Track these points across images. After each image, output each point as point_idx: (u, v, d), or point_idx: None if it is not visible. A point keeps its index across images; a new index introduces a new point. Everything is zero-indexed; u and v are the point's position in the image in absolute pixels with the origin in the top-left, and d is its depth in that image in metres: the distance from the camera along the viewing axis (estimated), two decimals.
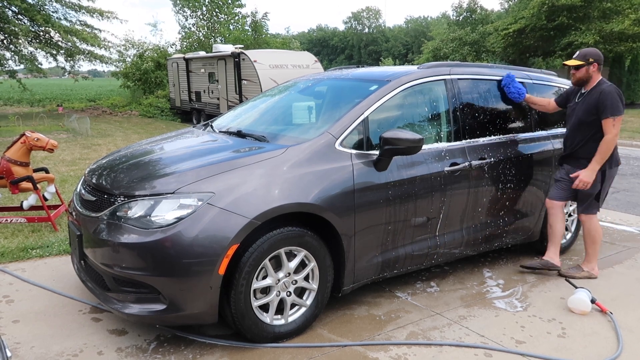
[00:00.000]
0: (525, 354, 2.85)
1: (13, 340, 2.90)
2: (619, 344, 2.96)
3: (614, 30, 19.90)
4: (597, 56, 3.73)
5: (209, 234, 2.58)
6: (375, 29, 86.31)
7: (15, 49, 19.43)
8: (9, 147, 4.98)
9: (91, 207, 2.97)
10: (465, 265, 4.21)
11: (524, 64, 24.33)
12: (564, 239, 4.53)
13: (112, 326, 3.08)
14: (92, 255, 2.84)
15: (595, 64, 3.72)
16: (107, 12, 20.50)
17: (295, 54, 15.95)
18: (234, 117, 4.19)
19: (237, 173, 2.78)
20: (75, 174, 7.58)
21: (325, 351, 2.85)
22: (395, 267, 3.39)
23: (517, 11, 24.72)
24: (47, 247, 4.39)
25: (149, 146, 3.64)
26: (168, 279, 2.59)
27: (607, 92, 3.64)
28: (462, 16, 33.86)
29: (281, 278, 2.87)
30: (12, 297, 3.46)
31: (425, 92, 3.61)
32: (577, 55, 3.78)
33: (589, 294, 3.41)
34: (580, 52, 3.79)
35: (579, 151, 3.80)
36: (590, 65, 3.72)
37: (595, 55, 3.73)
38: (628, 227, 5.38)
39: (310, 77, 4.35)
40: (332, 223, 2.94)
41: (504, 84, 4.00)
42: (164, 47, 23.74)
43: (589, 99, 3.73)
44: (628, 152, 11.04)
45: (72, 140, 11.68)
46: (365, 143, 3.18)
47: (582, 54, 3.77)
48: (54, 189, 5.21)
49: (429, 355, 2.83)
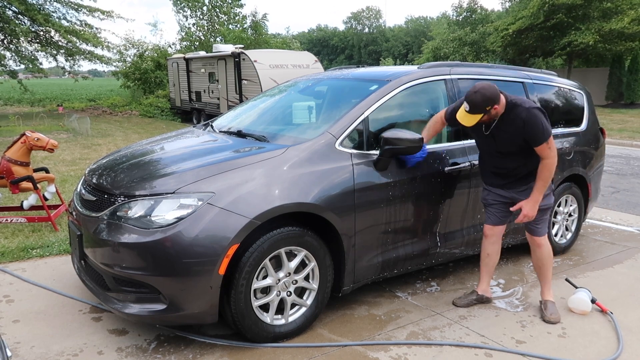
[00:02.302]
0: (525, 354, 2.85)
1: (13, 340, 2.90)
2: (619, 344, 2.96)
3: (613, 29, 19.89)
4: (494, 96, 2.92)
5: (209, 233, 2.58)
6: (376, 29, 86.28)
7: (16, 49, 19.43)
8: (9, 147, 4.98)
9: (91, 207, 2.97)
10: (465, 265, 4.21)
11: (524, 64, 24.35)
12: (564, 239, 4.54)
13: (112, 326, 3.08)
14: (92, 255, 2.84)
15: (497, 106, 2.97)
16: (108, 12, 20.49)
17: (296, 54, 15.95)
18: (234, 117, 4.19)
19: (238, 173, 2.78)
20: (75, 174, 7.58)
21: (325, 351, 2.85)
22: (396, 267, 3.39)
23: (517, 11, 24.70)
24: (48, 247, 4.39)
25: (149, 146, 3.64)
26: (168, 278, 2.59)
27: (532, 119, 2.97)
28: (462, 16, 33.83)
29: (281, 278, 2.87)
30: (13, 297, 3.46)
31: (425, 92, 3.61)
32: (470, 109, 2.93)
33: (589, 294, 3.41)
34: (471, 102, 2.91)
35: (511, 180, 3.26)
36: (492, 110, 2.97)
37: (491, 98, 2.91)
38: (628, 227, 5.38)
39: (311, 77, 4.35)
40: (332, 223, 2.94)
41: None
42: (164, 47, 23.75)
43: (508, 129, 3.05)
44: (628, 152, 11.04)
45: (72, 140, 11.68)
46: (365, 143, 3.18)
47: (474, 104, 2.90)
48: (54, 189, 5.21)
49: (429, 355, 2.83)
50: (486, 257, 3.47)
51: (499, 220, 3.39)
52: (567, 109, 4.57)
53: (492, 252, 3.44)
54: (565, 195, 4.42)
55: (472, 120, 2.97)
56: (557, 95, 4.51)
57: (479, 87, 2.92)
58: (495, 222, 3.39)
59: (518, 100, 3.05)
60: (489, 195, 3.40)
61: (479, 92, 2.90)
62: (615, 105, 21.55)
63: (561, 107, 4.53)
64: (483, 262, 3.49)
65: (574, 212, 4.57)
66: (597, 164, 4.75)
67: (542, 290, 3.45)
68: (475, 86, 2.94)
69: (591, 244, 4.83)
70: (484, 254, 3.47)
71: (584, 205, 4.62)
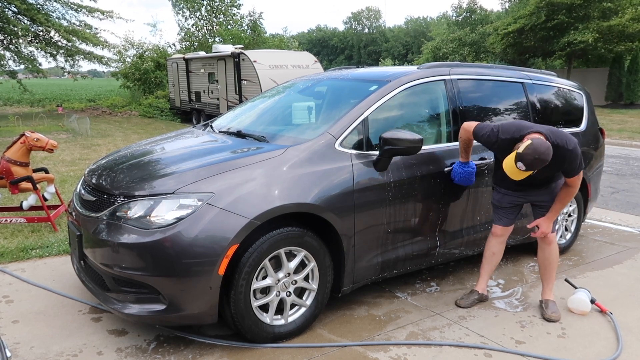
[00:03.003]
0: (525, 354, 2.85)
1: (13, 341, 2.90)
2: (619, 344, 2.96)
3: (612, 25, 19.89)
4: (550, 157, 2.85)
5: (208, 234, 2.57)
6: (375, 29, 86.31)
7: (16, 49, 19.42)
8: (9, 147, 4.98)
9: (91, 207, 2.97)
10: (465, 265, 4.21)
11: (524, 65, 24.35)
12: (564, 239, 4.54)
13: (111, 326, 3.08)
14: (92, 255, 2.84)
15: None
16: (108, 12, 20.49)
17: (295, 54, 15.95)
18: (234, 117, 4.19)
19: (237, 173, 2.78)
20: (75, 174, 7.58)
21: (325, 351, 2.85)
22: (395, 268, 3.39)
23: (517, 11, 24.73)
24: (47, 247, 4.38)
25: (149, 146, 3.64)
26: (168, 279, 2.59)
27: (572, 158, 2.99)
28: (462, 16, 33.89)
29: (281, 278, 2.87)
30: (12, 297, 3.46)
31: (425, 93, 3.61)
32: (526, 169, 2.85)
33: (588, 294, 3.41)
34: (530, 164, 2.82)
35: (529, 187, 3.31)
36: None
37: (547, 160, 2.84)
38: (628, 227, 5.38)
39: (310, 77, 4.35)
40: (332, 223, 2.94)
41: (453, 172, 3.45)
42: (164, 48, 23.75)
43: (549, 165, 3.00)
44: (628, 152, 11.05)
45: (71, 141, 11.68)
46: (365, 143, 3.18)
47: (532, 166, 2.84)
48: (53, 189, 5.21)
49: (428, 355, 2.83)
50: (491, 256, 3.50)
51: (510, 222, 3.47)
52: (566, 110, 4.57)
53: (498, 251, 3.50)
54: None
55: (522, 176, 2.91)
56: (556, 96, 4.51)
57: (541, 152, 2.79)
58: (507, 224, 3.46)
59: (560, 141, 2.96)
60: (503, 199, 3.43)
61: (541, 158, 2.79)
62: (614, 105, 21.57)
63: (561, 107, 4.53)
64: (487, 261, 3.51)
65: (574, 212, 4.57)
66: (597, 164, 4.75)
67: (544, 290, 3.46)
68: (537, 150, 2.78)
69: (591, 244, 4.83)
70: (489, 252, 3.49)
71: (583, 205, 4.62)
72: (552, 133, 2.99)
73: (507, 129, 3.10)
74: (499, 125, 3.15)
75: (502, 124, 3.16)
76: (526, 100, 4.18)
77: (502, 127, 3.13)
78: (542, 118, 4.27)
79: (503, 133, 3.10)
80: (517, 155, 2.86)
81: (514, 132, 3.06)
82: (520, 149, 2.86)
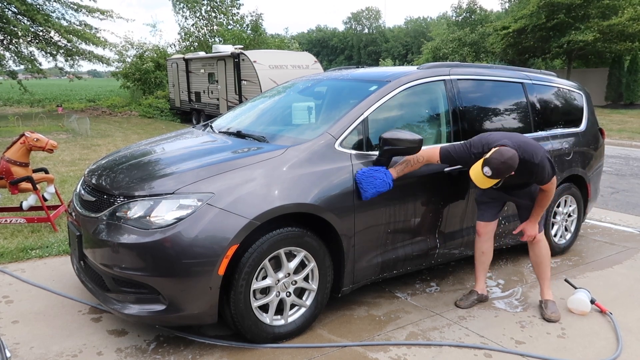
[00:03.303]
0: (524, 355, 2.85)
1: (12, 341, 2.90)
2: (619, 344, 2.96)
3: (612, 24, 19.89)
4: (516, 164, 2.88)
5: (208, 234, 2.57)
6: (375, 30, 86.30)
7: (15, 49, 19.42)
8: (9, 147, 4.98)
9: (91, 207, 2.97)
10: (465, 266, 4.21)
11: (524, 65, 24.34)
12: (564, 240, 4.54)
13: (111, 326, 3.08)
14: (92, 255, 2.84)
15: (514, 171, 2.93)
16: (108, 12, 20.48)
17: (295, 55, 15.95)
18: (234, 117, 4.19)
19: (237, 173, 2.78)
20: (74, 175, 7.58)
21: (324, 351, 2.85)
22: (395, 268, 3.39)
23: (517, 11, 24.73)
24: (47, 247, 4.38)
25: (149, 147, 3.64)
26: (168, 279, 2.58)
27: (540, 171, 3.02)
28: (462, 17, 33.89)
29: (281, 278, 2.87)
30: (12, 298, 3.46)
31: (424, 93, 3.61)
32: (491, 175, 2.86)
33: (588, 295, 3.41)
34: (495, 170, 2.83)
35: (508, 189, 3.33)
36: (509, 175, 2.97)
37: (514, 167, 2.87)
38: (628, 227, 5.38)
39: (310, 77, 4.35)
40: (332, 223, 2.94)
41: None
42: (164, 48, 23.74)
43: (517, 177, 3.06)
44: (628, 152, 11.05)
45: (71, 141, 11.68)
46: (364, 143, 3.18)
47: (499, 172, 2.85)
48: (53, 190, 5.21)
49: (428, 355, 2.83)
50: (482, 256, 3.51)
51: (493, 217, 3.47)
52: (566, 110, 4.58)
53: (487, 249, 3.50)
54: (565, 195, 4.42)
55: (488, 184, 2.93)
56: (556, 96, 4.51)
57: (506, 158, 2.82)
58: (489, 219, 3.47)
59: (527, 155, 2.98)
60: (484, 195, 3.46)
61: (506, 163, 2.82)
62: (614, 105, 21.57)
63: (560, 107, 4.53)
64: (479, 261, 3.53)
65: (573, 212, 4.57)
66: (597, 164, 4.75)
67: (542, 290, 3.47)
68: (503, 155, 2.83)
69: (590, 244, 4.83)
70: (478, 252, 3.51)
71: (583, 205, 4.62)
72: (519, 146, 3.01)
73: (477, 143, 3.14)
74: (470, 141, 3.19)
75: (472, 139, 3.19)
76: (526, 101, 4.18)
77: (472, 142, 3.17)
78: (542, 118, 4.27)
79: (474, 147, 3.14)
80: (484, 160, 2.90)
81: (483, 145, 3.10)
82: (487, 155, 2.92)
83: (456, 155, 3.19)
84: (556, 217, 4.43)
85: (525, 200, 3.38)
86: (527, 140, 3.09)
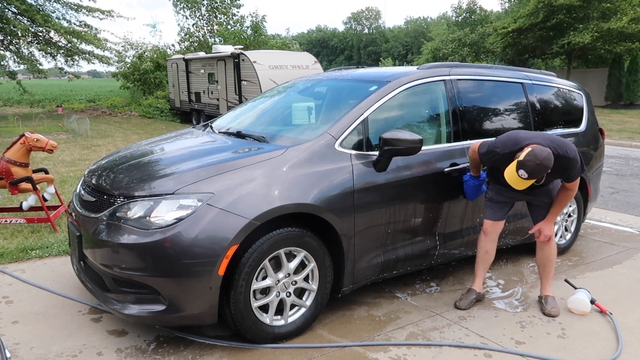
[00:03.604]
0: (524, 355, 2.85)
1: (12, 341, 2.90)
2: (619, 344, 2.96)
3: (612, 28, 19.90)
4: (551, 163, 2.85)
5: (208, 234, 2.57)
6: (375, 30, 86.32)
7: (16, 49, 19.42)
8: (9, 147, 4.98)
9: (91, 207, 2.97)
10: (465, 266, 4.21)
11: (523, 65, 24.36)
12: (564, 240, 4.54)
13: (111, 327, 3.08)
14: (92, 255, 2.84)
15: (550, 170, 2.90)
16: (108, 12, 20.48)
17: (295, 55, 15.95)
18: (234, 117, 4.19)
19: (237, 174, 2.78)
20: (74, 175, 7.58)
21: (324, 352, 2.85)
22: (395, 268, 3.39)
23: (517, 11, 24.74)
24: (47, 247, 4.38)
25: (149, 147, 3.64)
26: (168, 279, 2.58)
27: (574, 165, 3.00)
28: (462, 17, 33.91)
29: (281, 279, 2.87)
30: (12, 298, 3.46)
31: (424, 93, 3.61)
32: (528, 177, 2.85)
33: (588, 295, 3.41)
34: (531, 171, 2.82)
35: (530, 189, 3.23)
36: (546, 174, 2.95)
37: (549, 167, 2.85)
38: (627, 227, 5.38)
39: (310, 77, 4.35)
40: (332, 224, 2.94)
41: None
42: (164, 48, 23.74)
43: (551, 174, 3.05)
44: (628, 152, 11.05)
45: (71, 141, 11.68)
46: (364, 144, 3.18)
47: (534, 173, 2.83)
48: (53, 190, 5.21)
49: (428, 355, 2.83)
50: (485, 255, 3.49)
51: (502, 216, 3.45)
52: (566, 110, 4.58)
53: (491, 249, 3.48)
54: None
55: (525, 185, 2.91)
56: (556, 96, 4.51)
57: (542, 159, 2.79)
58: (498, 218, 3.44)
59: (560, 150, 2.97)
60: (498, 194, 3.43)
61: (542, 164, 2.79)
62: (614, 105, 21.58)
63: (560, 107, 4.53)
64: (481, 260, 3.51)
65: (573, 212, 4.57)
66: (597, 164, 4.75)
67: (543, 286, 3.49)
68: (538, 156, 2.79)
69: (590, 244, 4.83)
70: (482, 251, 3.49)
71: (583, 205, 4.62)
72: (551, 142, 2.99)
73: (506, 143, 3.09)
74: (496, 141, 3.15)
75: (499, 139, 3.15)
76: (526, 101, 4.18)
77: (499, 142, 3.12)
78: (542, 118, 4.27)
79: (502, 147, 3.09)
80: (518, 163, 2.87)
81: (512, 146, 3.06)
82: (521, 157, 2.87)
83: (484, 157, 3.18)
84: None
85: (543, 199, 3.34)
86: (555, 137, 3.06)
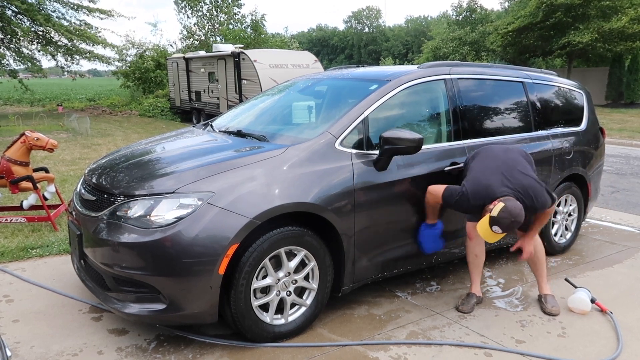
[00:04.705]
0: (525, 354, 2.86)
1: (13, 340, 2.90)
2: (619, 343, 2.96)
3: (613, 28, 19.88)
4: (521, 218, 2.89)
5: (209, 233, 2.57)
6: (375, 29, 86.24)
7: (16, 48, 19.42)
8: (9, 146, 4.98)
9: (91, 206, 2.97)
10: (465, 265, 4.19)
11: (524, 64, 24.33)
12: (564, 239, 4.54)
13: (112, 326, 3.08)
14: (92, 254, 2.84)
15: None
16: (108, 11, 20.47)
17: (295, 54, 15.94)
18: (234, 116, 4.19)
19: (237, 173, 2.78)
20: (75, 174, 7.58)
21: (325, 351, 2.85)
22: (395, 267, 3.39)
23: (517, 10, 24.72)
24: (47, 246, 4.39)
25: (149, 146, 3.64)
26: (168, 278, 2.59)
27: (541, 203, 3.06)
28: (462, 16, 33.90)
29: (281, 278, 2.87)
30: (12, 297, 3.46)
31: (425, 92, 3.61)
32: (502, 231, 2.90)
33: (589, 294, 3.41)
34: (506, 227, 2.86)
35: None
36: None
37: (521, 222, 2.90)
38: (628, 226, 5.38)
39: (310, 76, 4.35)
40: (332, 223, 2.93)
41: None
42: (164, 47, 23.74)
43: None
44: (628, 151, 11.04)
45: (72, 140, 11.68)
46: (365, 143, 3.18)
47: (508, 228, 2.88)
48: (53, 189, 5.21)
49: (429, 354, 2.83)
50: (475, 259, 3.47)
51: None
52: (567, 109, 4.57)
53: (480, 252, 3.46)
54: (565, 194, 4.42)
55: (497, 238, 2.97)
56: (557, 95, 4.51)
57: (516, 215, 2.85)
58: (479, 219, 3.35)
59: (528, 199, 3.02)
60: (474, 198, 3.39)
61: (516, 220, 2.85)
62: (615, 104, 21.55)
63: (561, 106, 4.53)
64: (473, 264, 3.49)
65: (574, 211, 4.57)
66: (597, 163, 4.75)
67: (540, 285, 3.49)
68: (512, 213, 2.84)
69: (591, 243, 4.83)
70: (471, 256, 3.47)
71: (583, 204, 4.62)
72: (519, 191, 3.01)
73: (478, 194, 3.04)
74: (468, 190, 3.06)
75: (470, 188, 3.06)
76: (526, 100, 4.18)
77: (471, 193, 3.06)
78: (542, 117, 4.27)
79: (474, 199, 3.05)
80: (491, 219, 2.88)
81: (484, 197, 3.02)
82: (494, 212, 2.87)
83: (454, 204, 3.16)
84: (556, 217, 4.43)
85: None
86: (523, 180, 3.05)
